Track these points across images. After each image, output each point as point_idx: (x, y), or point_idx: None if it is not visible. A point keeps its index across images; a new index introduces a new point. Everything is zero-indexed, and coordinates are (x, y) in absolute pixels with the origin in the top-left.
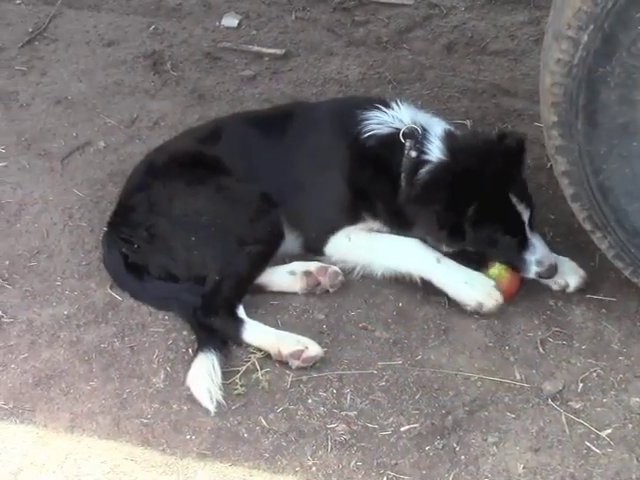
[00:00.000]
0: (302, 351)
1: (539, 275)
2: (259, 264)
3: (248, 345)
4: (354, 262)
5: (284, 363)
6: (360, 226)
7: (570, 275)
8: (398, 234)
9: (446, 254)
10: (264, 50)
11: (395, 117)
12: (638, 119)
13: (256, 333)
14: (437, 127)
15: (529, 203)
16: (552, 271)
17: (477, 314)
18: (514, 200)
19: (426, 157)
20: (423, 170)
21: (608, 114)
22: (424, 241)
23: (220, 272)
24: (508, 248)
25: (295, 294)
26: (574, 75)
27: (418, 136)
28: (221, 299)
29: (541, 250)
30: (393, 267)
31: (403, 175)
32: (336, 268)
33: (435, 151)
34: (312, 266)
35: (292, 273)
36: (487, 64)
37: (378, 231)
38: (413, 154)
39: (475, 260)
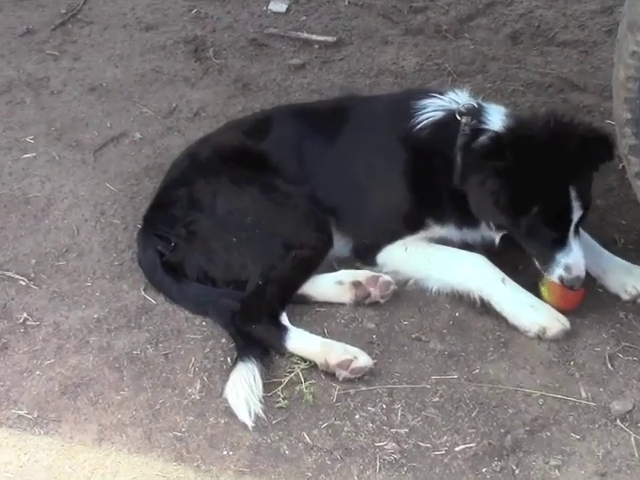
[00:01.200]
0: (351, 361)
1: (561, 280)
2: (305, 270)
3: (292, 355)
4: (408, 275)
5: (331, 374)
6: (421, 235)
7: None
8: (467, 239)
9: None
10: (314, 37)
11: (451, 100)
12: None
13: (301, 341)
14: (498, 109)
15: (585, 204)
16: (576, 282)
17: (539, 339)
18: (572, 194)
19: (485, 126)
20: (482, 137)
21: None
22: (487, 230)
23: (263, 276)
24: (544, 241)
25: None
26: None
27: (477, 112)
28: (263, 305)
29: (575, 256)
30: (452, 283)
31: (458, 151)
32: (388, 277)
33: (496, 122)
34: (361, 276)
35: (340, 283)
36: (555, 56)
37: (444, 239)
38: (469, 126)
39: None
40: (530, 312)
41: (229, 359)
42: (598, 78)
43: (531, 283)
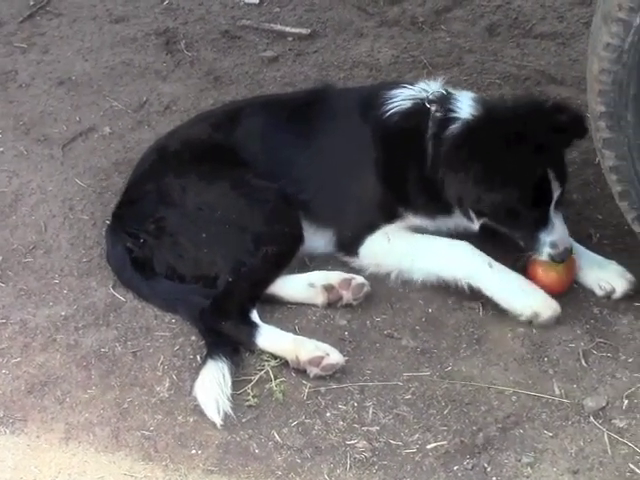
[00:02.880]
0: (322, 358)
1: (551, 257)
2: (276, 266)
3: (262, 352)
4: (391, 266)
5: (301, 372)
6: (399, 224)
7: (616, 279)
8: (442, 228)
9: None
10: (288, 29)
11: (421, 89)
12: None
13: (271, 338)
14: (467, 95)
15: (563, 181)
16: (565, 255)
17: (530, 324)
18: (551, 175)
19: (454, 115)
20: (452, 126)
21: None
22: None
23: (233, 273)
24: (527, 223)
25: None
26: (624, 61)
27: (444, 99)
28: (233, 302)
29: (559, 232)
30: (437, 272)
31: (429, 140)
32: (361, 279)
33: (466, 109)
34: (334, 278)
35: (312, 286)
36: (532, 48)
37: (421, 228)
38: (438, 115)
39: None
40: (522, 296)
41: (198, 357)
42: (576, 70)
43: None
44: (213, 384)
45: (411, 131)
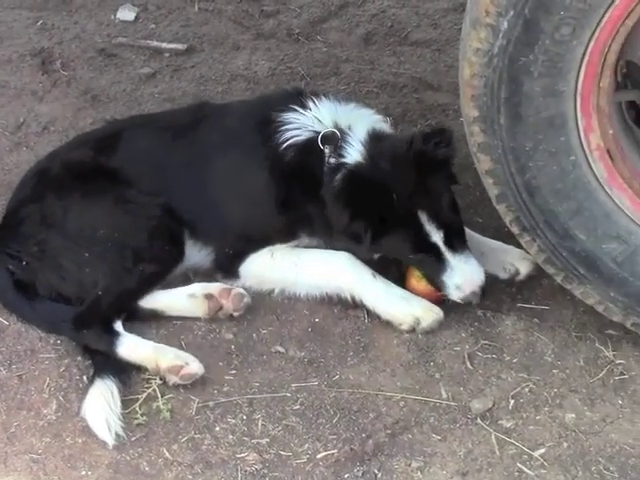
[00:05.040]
0: (181, 367)
1: (462, 300)
2: (149, 284)
3: (147, 369)
4: (275, 282)
5: (189, 387)
6: (291, 244)
7: (520, 261)
8: (337, 247)
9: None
10: (164, 45)
11: (314, 118)
12: (564, 112)
13: (132, 346)
14: (361, 126)
15: (445, 221)
16: (473, 298)
17: (413, 331)
18: (423, 218)
19: (344, 161)
20: (338, 176)
21: (532, 107)
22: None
23: (105, 288)
24: (428, 266)
25: None
26: (494, 65)
27: (337, 140)
28: (97, 312)
29: (460, 275)
30: (321, 285)
31: (325, 194)
32: (241, 290)
33: (354, 154)
34: (214, 288)
35: (192, 296)
36: (408, 56)
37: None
38: (332, 160)
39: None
40: (403, 304)
41: (85, 377)
42: (452, 76)
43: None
44: (102, 404)
45: (309, 170)
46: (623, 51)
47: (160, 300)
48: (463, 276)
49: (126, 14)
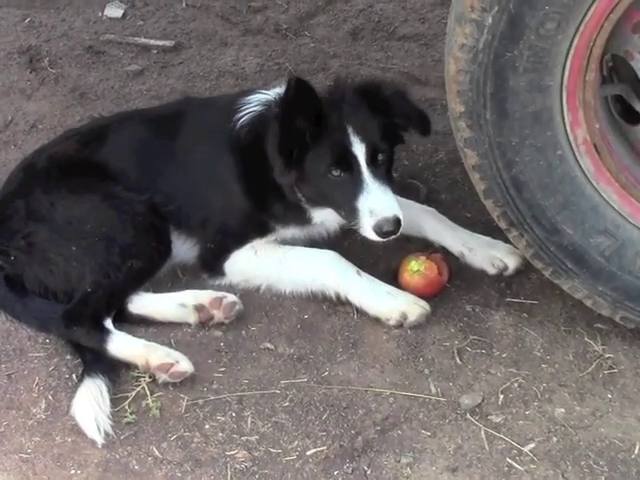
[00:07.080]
0: (171, 365)
1: (374, 231)
2: (138, 280)
3: (137, 368)
4: (260, 279)
5: (178, 385)
6: (270, 238)
7: (508, 256)
8: (314, 236)
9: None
10: (152, 42)
11: (276, 93)
12: (550, 106)
13: (123, 344)
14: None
15: (371, 139)
16: (390, 226)
17: (401, 327)
18: (349, 130)
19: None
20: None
21: (518, 102)
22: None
23: (93, 283)
24: (344, 190)
25: None
26: (480, 61)
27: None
28: (88, 309)
29: (376, 200)
30: (306, 282)
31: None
32: (233, 298)
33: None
34: (205, 298)
35: (183, 305)
36: (396, 50)
37: (292, 240)
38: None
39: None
40: (389, 300)
41: (74, 376)
42: (439, 71)
43: (385, 277)
44: (92, 402)
45: (260, 137)
46: (608, 45)
47: (150, 307)
48: (379, 201)
49: (114, 11)
